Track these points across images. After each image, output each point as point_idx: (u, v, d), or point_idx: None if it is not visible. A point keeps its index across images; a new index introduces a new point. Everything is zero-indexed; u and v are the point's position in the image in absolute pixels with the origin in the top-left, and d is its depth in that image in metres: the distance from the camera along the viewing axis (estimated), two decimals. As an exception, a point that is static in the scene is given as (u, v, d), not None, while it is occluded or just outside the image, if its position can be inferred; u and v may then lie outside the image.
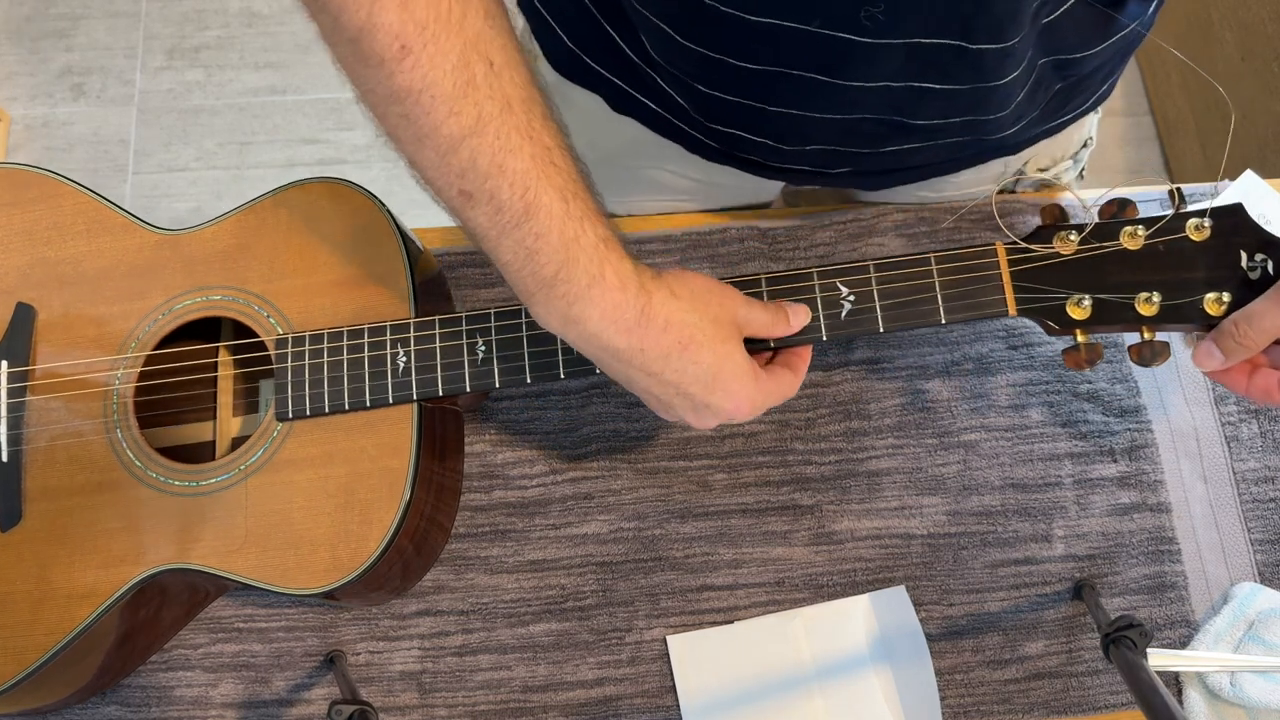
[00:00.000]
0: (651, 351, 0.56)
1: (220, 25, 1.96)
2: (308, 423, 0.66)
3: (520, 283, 0.55)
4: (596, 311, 0.55)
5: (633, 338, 0.56)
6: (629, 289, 0.55)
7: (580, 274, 0.54)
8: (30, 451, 0.67)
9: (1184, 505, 0.74)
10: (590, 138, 0.81)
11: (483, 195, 0.52)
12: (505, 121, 0.51)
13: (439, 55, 0.49)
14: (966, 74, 0.62)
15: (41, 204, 0.71)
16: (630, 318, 0.55)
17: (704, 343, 0.57)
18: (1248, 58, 1.58)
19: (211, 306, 0.68)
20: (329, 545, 0.63)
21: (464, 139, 0.51)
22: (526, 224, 0.53)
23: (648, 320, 0.56)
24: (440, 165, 0.52)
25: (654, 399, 0.60)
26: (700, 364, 0.57)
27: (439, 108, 0.50)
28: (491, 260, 0.55)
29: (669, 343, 0.56)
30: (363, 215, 0.68)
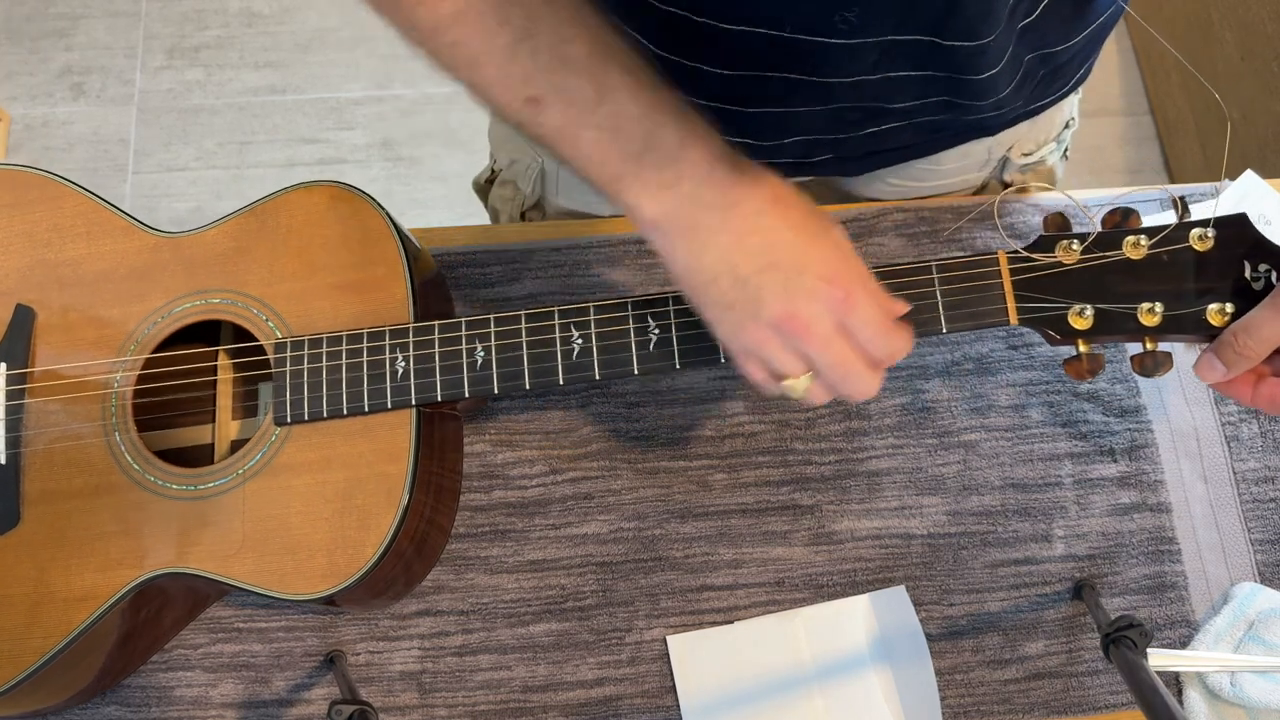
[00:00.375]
0: (745, 206, 0.53)
1: (220, 25, 1.96)
2: (306, 427, 0.66)
3: (607, 169, 0.53)
4: (690, 167, 0.52)
5: (726, 190, 0.53)
6: (716, 144, 0.53)
7: (670, 134, 0.52)
8: (29, 454, 0.67)
9: (1184, 505, 0.74)
10: None
11: (551, 92, 0.51)
12: (554, 13, 0.51)
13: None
14: (942, 65, 0.62)
15: (42, 206, 0.71)
16: (723, 168, 0.53)
17: (797, 205, 0.55)
18: (1248, 58, 1.58)
19: (210, 310, 0.68)
20: (326, 550, 0.63)
21: (519, 43, 0.50)
22: (603, 105, 0.51)
23: (740, 173, 0.53)
24: (502, 78, 0.51)
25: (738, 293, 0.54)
26: (791, 222, 0.54)
27: (488, 20, 0.50)
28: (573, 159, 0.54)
29: (762, 197, 0.53)
30: (362, 218, 0.68)
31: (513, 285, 0.79)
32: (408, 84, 1.91)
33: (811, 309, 0.53)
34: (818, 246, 0.54)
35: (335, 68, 1.93)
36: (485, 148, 0.93)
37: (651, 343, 0.63)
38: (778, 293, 0.53)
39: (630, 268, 0.79)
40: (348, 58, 1.94)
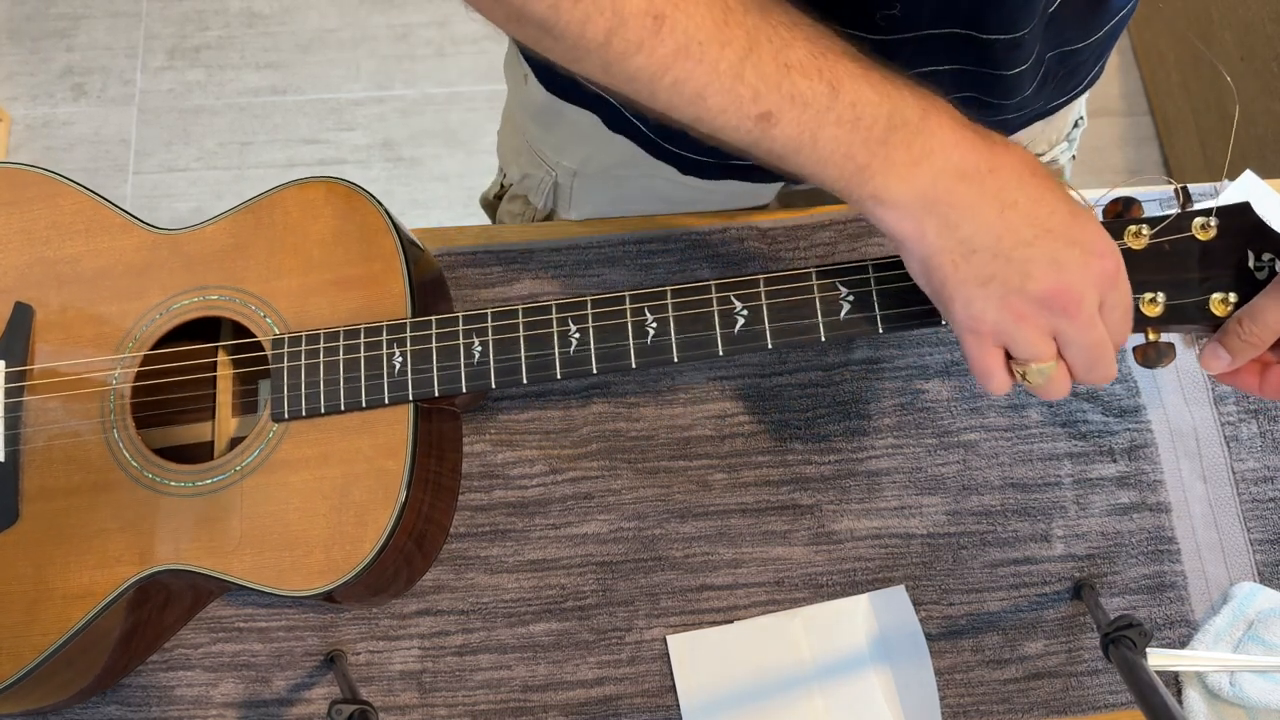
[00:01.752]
0: (1003, 173, 0.51)
1: (221, 25, 1.96)
2: (304, 423, 0.66)
3: (849, 163, 0.51)
4: (938, 137, 0.50)
5: (980, 156, 0.51)
6: (956, 113, 0.51)
7: (911, 109, 0.50)
8: (28, 451, 0.67)
9: (1183, 505, 0.74)
10: (586, 152, 0.82)
11: (783, 103, 0.50)
12: (769, 23, 0.50)
13: (690, 3, 0.48)
14: (974, 60, 0.62)
15: (40, 203, 0.71)
16: (971, 134, 0.51)
17: (1050, 177, 0.52)
18: (1248, 58, 1.58)
19: (209, 306, 0.68)
20: (324, 547, 0.63)
21: (743, 61, 0.49)
22: (838, 100, 0.50)
23: (988, 136, 0.51)
24: (731, 101, 0.50)
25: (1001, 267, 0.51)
26: (1052, 188, 0.51)
27: (709, 49, 0.49)
28: (806, 169, 0.52)
29: (1017, 163, 0.51)
30: (360, 215, 0.68)
31: (513, 285, 0.79)
32: (408, 84, 1.91)
33: (1083, 282, 0.51)
34: (1082, 216, 0.52)
35: (336, 68, 1.94)
36: (486, 148, 0.94)
37: (649, 336, 0.63)
38: (1047, 265, 0.51)
39: (630, 267, 0.79)
40: (348, 58, 1.94)
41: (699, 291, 0.63)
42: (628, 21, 0.47)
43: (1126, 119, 1.90)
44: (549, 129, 0.82)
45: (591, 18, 0.47)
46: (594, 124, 0.77)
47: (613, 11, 0.47)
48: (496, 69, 2.01)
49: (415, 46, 1.94)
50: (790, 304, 0.62)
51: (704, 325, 0.63)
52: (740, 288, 0.63)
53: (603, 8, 0.47)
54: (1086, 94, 0.81)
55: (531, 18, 0.48)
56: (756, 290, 0.62)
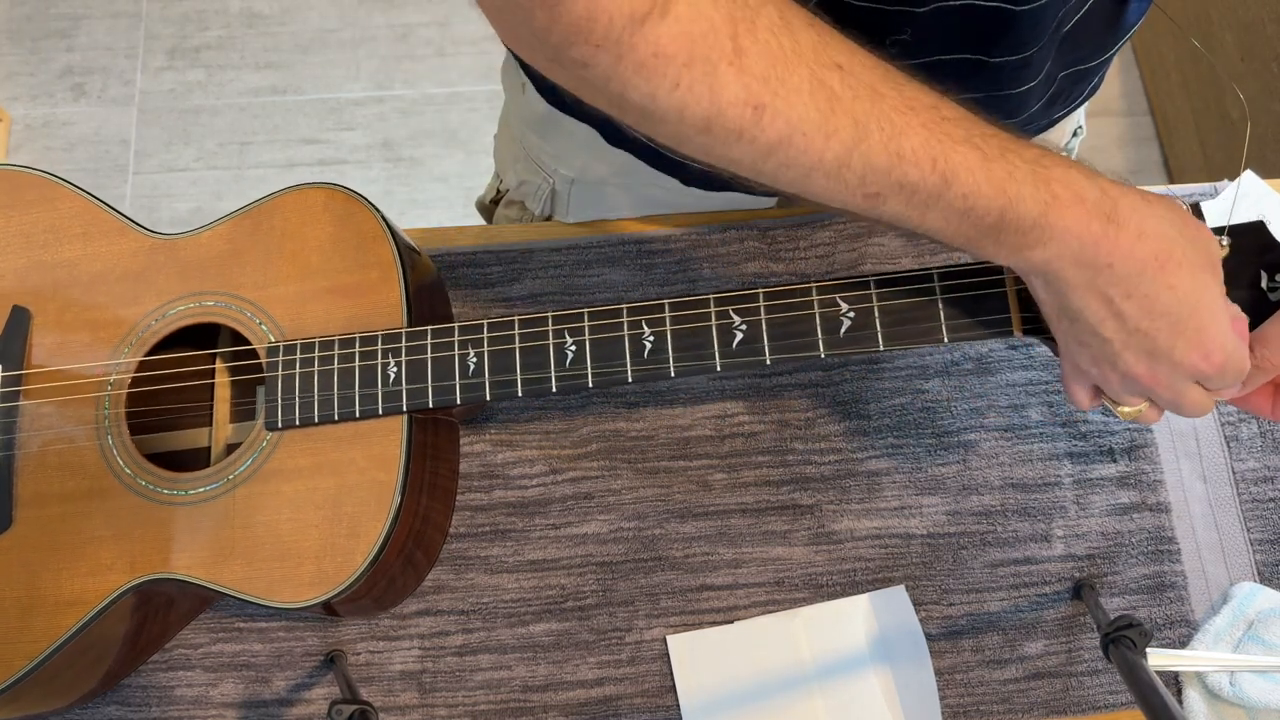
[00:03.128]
0: (1121, 268, 0.49)
1: (221, 25, 1.96)
2: (298, 432, 0.65)
3: (958, 237, 0.51)
4: (1056, 234, 0.49)
5: (1100, 250, 0.49)
6: (1088, 197, 0.49)
7: (1028, 206, 0.49)
8: (22, 456, 0.67)
9: (1183, 505, 0.74)
10: (584, 162, 0.82)
11: (890, 189, 0.49)
12: (881, 110, 0.48)
13: (793, 92, 0.47)
14: (984, 83, 0.62)
15: (39, 206, 0.71)
16: (1096, 228, 0.49)
17: (1183, 263, 0.50)
18: (1248, 58, 1.58)
19: (205, 312, 0.68)
20: (315, 558, 0.63)
21: (851, 151, 0.48)
22: (949, 191, 0.49)
23: (1118, 227, 0.49)
24: (836, 185, 0.49)
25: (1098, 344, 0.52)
26: (1176, 290, 0.50)
27: (814, 140, 0.48)
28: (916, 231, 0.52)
29: (1143, 256, 0.49)
30: (357, 222, 0.68)
31: (513, 285, 0.79)
32: (408, 84, 1.91)
33: (1173, 376, 0.52)
34: (1197, 316, 0.51)
35: (335, 68, 1.94)
36: (485, 148, 0.93)
37: (645, 350, 0.63)
38: (1140, 356, 0.52)
39: (630, 268, 0.79)
40: (348, 58, 1.94)
41: (697, 305, 0.62)
42: (725, 111, 0.46)
43: (1126, 119, 1.90)
44: (547, 138, 0.82)
45: (689, 105, 0.46)
46: (592, 136, 0.77)
47: (710, 101, 0.46)
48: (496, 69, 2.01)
49: (415, 46, 1.94)
50: (789, 320, 0.61)
51: (702, 340, 0.62)
52: (739, 302, 0.62)
53: (699, 97, 0.46)
54: (1086, 104, 0.81)
55: (631, 106, 0.48)
56: (755, 305, 0.62)
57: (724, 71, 0.45)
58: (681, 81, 0.46)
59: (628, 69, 0.45)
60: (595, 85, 0.47)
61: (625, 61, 0.45)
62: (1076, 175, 0.50)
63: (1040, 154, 0.50)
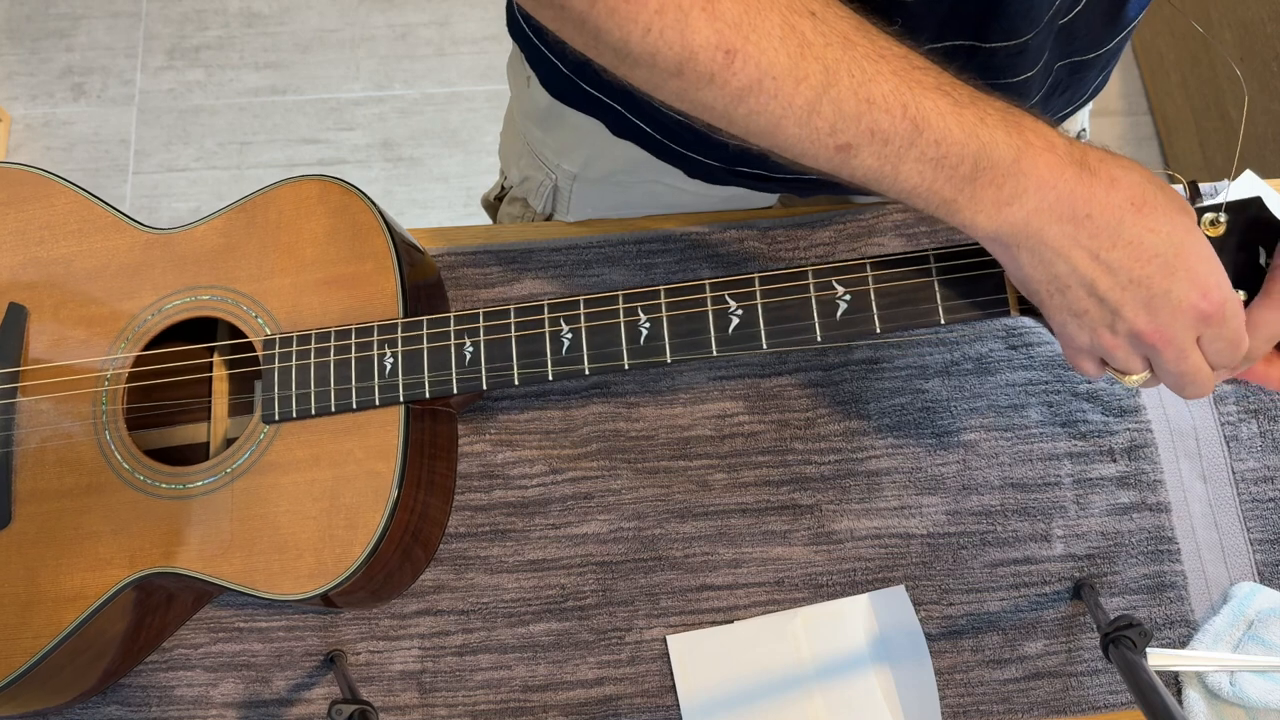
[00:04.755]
0: (1100, 218, 0.49)
1: (220, 25, 1.96)
2: (295, 425, 0.65)
3: (934, 197, 0.51)
4: (1032, 180, 0.49)
5: (1077, 199, 0.49)
6: (1058, 145, 0.50)
7: (1001, 151, 0.49)
8: (20, 453, 0.67)
9: (1183, 505, 0.74)
10: (587, 156, 0.82)
11: (862, 138, 0.49)
12: (852, 57, 0.48)
13: (764, 37, 0.47)
14: (977, 70, 0.62)
15: (34, 203, 0.71)
16: (1070, 175, 0.49)
17: (1158, 206, 0.50)
18: (1247, 58, 1.58)
19: (200, 306, 0.68)
20: (314, 550, 0.63)
21: (820, 97, 0.48)
22: (921, 137, 0.49)
23: (1090, 175, 0.49)
24: (807, 134, 0.49)
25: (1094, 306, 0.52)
26: (1157, 232, 0.50)
27: (784, 85, 0.48)
28: (892, 193, 0.52)
29: (1119, 202, 0.49)
30: (352, 213, 0.68)
31: (513, 285, 0.79)
32: (408, 84, 1.91)
33: (1175, 323, 0.51)
34: (1185, 255, 0.50)
35: (335, 68, 1.93)
36: (485, 148, 0.93)
37: (642, 337, 0.63)
38: (1139, 308, 0.51)
39: (630, 267, 0.79)
40: (348, 58, 1.94)
41: (693, 291, 0.62)
42: (697, 55, 0.47)
43: (1126, 119, 1.91)
44: (550, 131, 0.82)
45: (660, 50, 0.47)
46: (598, 128, 0.77)
47: (681, 45, 0.47)
48: (496, 69, 2.01)
49: (415, 46, 1.94)
50: (786, 304, 0.61)
51: (698, 325, 0.62)
52: (735, 287, 0.62)
53: (671, 41, 0.47)
54: (1090, 104, 0.81)
55: (606, 49, 0.48)
56: (751, 290, 0.62)
57: (696, 16, 0.46)
58: (654, 26, 0.46)
59: (600, 13, 0.46)
60: (572, 25, 0.48)
61: (598, 6, 0.46)
62: (1045, 125, 0.50)
63: (1009, 104, 0.50)
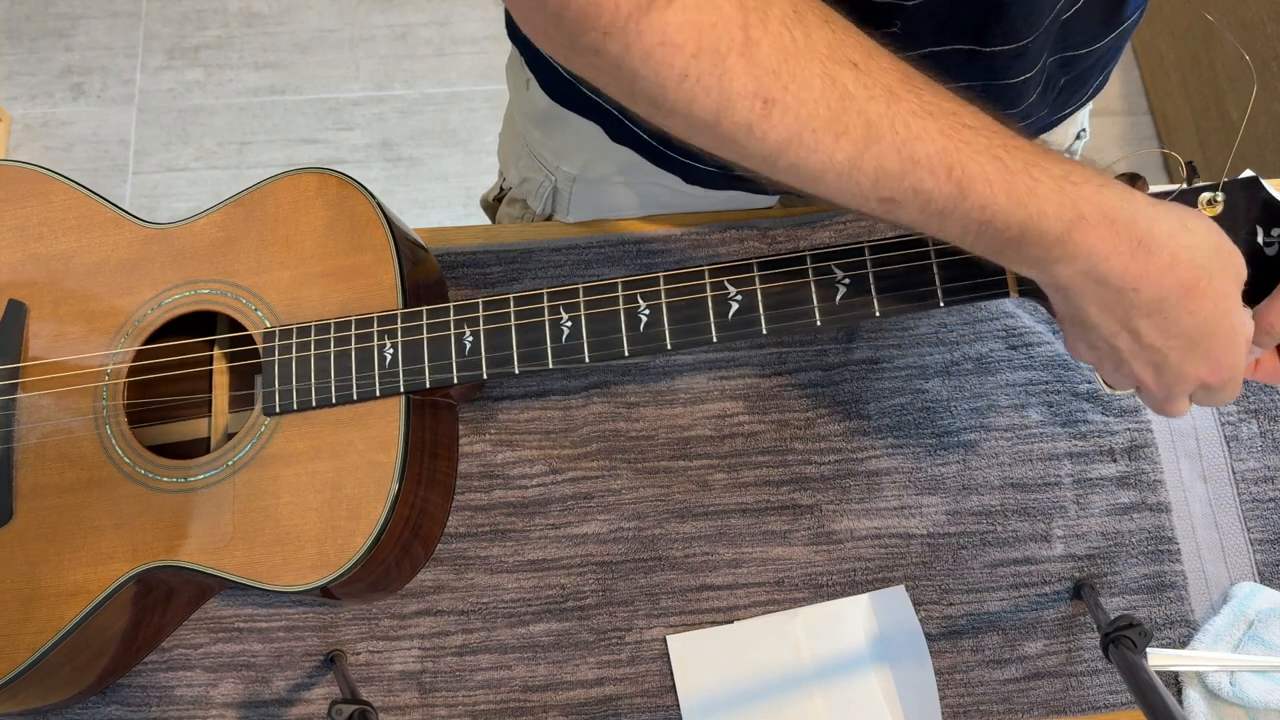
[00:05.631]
0: (1146, 293, 0.49)
1: (220, 25, 1.96)
2: (296, 417, 0.65)
3: (980, 247, 0.50)
4: (1083, 252, 0.48)
5: (1128, 275, 0.49)
6: (1119, 218, 0.48)
7: (1050, 225, 0.48)
8: (21, 449, 0.67)
9: (1183, 505, 0.74)
10: (587, 158, 0.82)
11: (905, 195, 0.48)
12: (896, 112, 0.47)
13: (803, 88, 0.46)
14: (977, 73, 0.62)
15: (33, 200, 0.71)
16: (1125, 252, 0.48)
17: (1209, 290, 0.50)
18: (1248, 56, 1.58)
19: (200, 300, 0.68)
20: (316, 541, 0.63)
21: (863, 153, 0.47)
22: (965, 201, 0.48)
23: (1148, 253, 0.48)
24: (849, 187, 0.48)
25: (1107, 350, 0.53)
26: (1196, 315, 0.50)
27: (824, 139, 0.46)
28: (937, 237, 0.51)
29: (1171, 285, 0.49)
30: (350, 206, 0.68)
31: (513, 285, 0.79)
32: (407, 84, 1.91)
33: (1177, 386, 0.53)
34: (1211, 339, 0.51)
35: (335, 68, 1.93)
36: (485, 148, 0.93)
37: (641, 324, 0.63)
38: (1148, 368, 0.53)
39: (630, 267, 0.79)
40: (348, 58, 1.94)
41: (692, 278, 0.63)
42: (734, 104, 0.45)
43: (1126, 119, 1.91)
44: (550, 134, 0.82)
45: (698, 98, 0.46)
46: (596, 132, 0.77)
47: (719, 93, 0.45)
48: (496, 69, 2.01)
49: (415, 46, 1.94)
50: (785, 288, 0.61)
51: (697, 311, 0.62)
52: (734, 272, 0.62)
53: (708, 88, 0.45)
54: (1090, 105, 0.81)
55: (641, 96, 0.47)
56: (750, 275, 0.62)
57: (733, 63, 0.45)
58: (690, 72, 0.45)
59: (635, 58, 0.45)
60: (607, 74, 0.47)
61: (633, 50, 0.44)
62: (1108, 195, 0.49)
63: (1071, 169, 0.49)
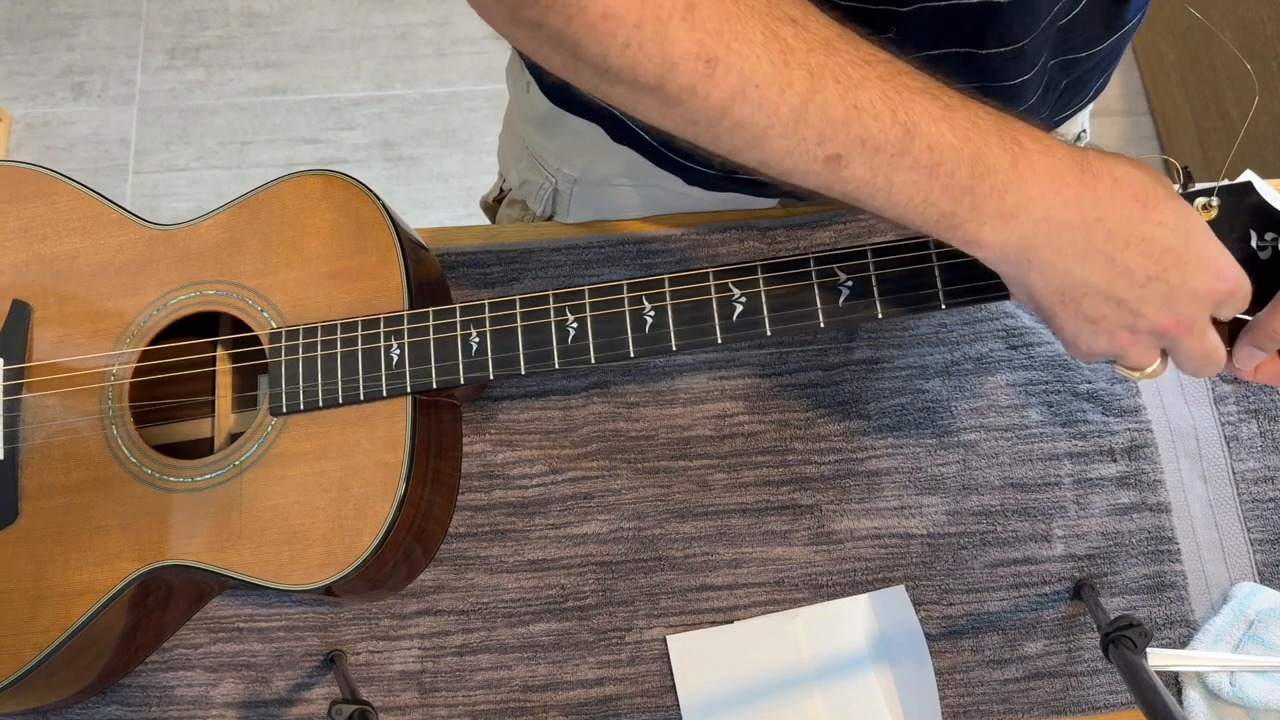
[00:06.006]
0: (1110, 219, 0.48)
1: (221, 25, 1.96)
2: (303, 417, 0.66)
3: (932, 210, 0.49)
4: (1035, 187, 0.48)
5: (1084, 205, 0.48)
6: (1055, 149, 0.48)
7: (998, 155, 0.48)
8: (26, 449, 0.67)
9: (1183, 505, 0.74)
10: (587, 161, 0.82)
11: (851, 146, 0.48)
12: (836, 62, 0.47)
13: (745, 44, 0.46)
14: (974, 75, 0.62)
15: (36, 201, 0.71)
16: (1072, 178, 0.48)
17: (1162, 198, 0.49)
18: (1247, 57, 1.58)
19: (205, 301, 0.68)
20: (324, 540, 0.63)
21: (806, 104, 0.47)
22: (913, 143, 0.47)
23: (1093, 177, 0.49)
24: (794, 144, 0.48)
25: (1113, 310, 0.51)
26: (1166, 225, 0.49)
27: (768, 93, 0.46)
28: (886, 212, 0.50)
29: (1125, 201, 0.49)
30: (356, 207, 0.68)
31: (513, 286, 0.79)
32: (408, 84, 1.91)
33: (1193, 310, 0.51)
34: (1194, 243, 0.50)
35: (335, 68, 1.94)
36: (485, 148, 0.93)
37: (647, 325, 0.63)
38: (1160, 304, 0.51)
39: (630, 267, 0.79)
40: (348, 58, 1.94)
41: (697, 280, 0.63)
42: (678, 65, 0.46)
43: (1126, 119, 1.91)
44: (550, 137, 0.82)
45: (640, 64, 0.46)
46: (597, 133, 0.77)
47: (661, 57, 0.46)
48: (496, 69, 2.01)
49: (415, 46, 1.94)
50: (789, 290, 0.62)
51: (702, 313, 0.63)
52: (738, 275, 0.62)
53: (651, 55, 0.45)
54: (1090, 106, 0.81)
55: (585, 67, 0.47)
56: (754, 277, 0.62)
57: (675, 27, 0.45)
58: (632, 40, 0.45)
59: (578, 30, 0.45)
60: (549, 47, 0.47)
61: (575, 23, 0.45)
62: (1039, 130, 0.49)
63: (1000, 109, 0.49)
